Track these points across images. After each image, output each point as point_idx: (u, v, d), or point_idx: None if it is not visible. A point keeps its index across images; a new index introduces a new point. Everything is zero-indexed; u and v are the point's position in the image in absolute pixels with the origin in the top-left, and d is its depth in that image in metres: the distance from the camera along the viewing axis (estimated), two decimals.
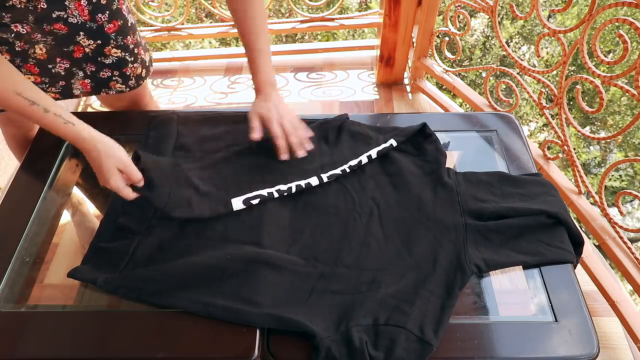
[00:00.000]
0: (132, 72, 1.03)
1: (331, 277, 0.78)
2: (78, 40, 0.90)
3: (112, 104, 1.16)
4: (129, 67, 1.02)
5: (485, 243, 0.82)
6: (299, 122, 0.92)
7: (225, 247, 0.80)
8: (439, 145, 0.95)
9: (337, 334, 0.71)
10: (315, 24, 2.06)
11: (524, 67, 1.44)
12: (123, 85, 1.04)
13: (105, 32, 0.92)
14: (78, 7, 0.85)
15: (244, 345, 0.72)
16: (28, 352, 0.73)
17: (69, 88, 1.00)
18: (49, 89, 0.98)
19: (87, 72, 0.98)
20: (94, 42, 0.92)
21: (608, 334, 1.28)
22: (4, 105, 0.77)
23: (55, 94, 1.00)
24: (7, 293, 0.79)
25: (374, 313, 0.73)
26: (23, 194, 0.93)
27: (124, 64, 1.00)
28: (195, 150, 0.97)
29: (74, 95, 1.03)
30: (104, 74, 1.00)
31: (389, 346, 0.69)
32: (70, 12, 0.85)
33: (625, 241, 1.25)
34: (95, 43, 0.93)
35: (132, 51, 1.00)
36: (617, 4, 1.08)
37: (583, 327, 0.73)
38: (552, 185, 0.92)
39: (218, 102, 2.02)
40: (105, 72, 1.00)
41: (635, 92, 1.08)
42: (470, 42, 4.72)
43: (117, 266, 0.79)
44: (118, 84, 1.04)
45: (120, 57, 0.98)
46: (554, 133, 1.40)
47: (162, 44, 3.63)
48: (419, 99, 1.98)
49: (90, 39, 0.91)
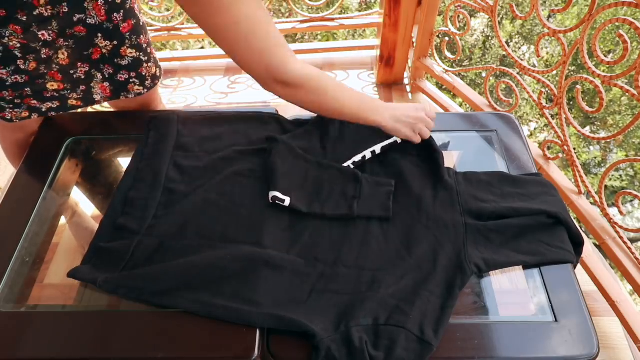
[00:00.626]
0: (148, 72, 1.04)
1: (331, 277, 0.78)
2: (96, 42, 0.91)
3: (124, 106, 1.16)
4: (144, 67, 1.02)
5: (485, 243, 0.82)
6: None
7: (225, 247, 0.80)
8: (435, 145, 0.95)
9: (337, 333, 0.71)
10: (315, 24, 2.06)
11: (524, 67, 1.44)
12: (141, 87, 1.04)
13: (121, 32, 0.92)
14: (95, 8, 0.85)
15: (244, 345, 0.72)
16: (28, 352, 0.73)
17: (90, 93, 1.00)
18: (71, 95, 0.98)
19: (105, 74, 0.98)
20: (110, 42, 0.92)
21: (608, 334, 1.28)
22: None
23: (77, 101, 1.00)
24: (7, 293, 0.79)
25: (374, 313, 0.73)
26: (23, 194, 0.93)
27: (139, 64, 1.00)
28: (195, 150, 0.97)
29: (94, 101, 1.02)
30: (122, 77, 1.00)
31: (389, 346, 0.69)
32: (89, 13, 0.85)
33: (625, 241, 1.25)
34: (112, 44, 0.93)
35: (146, 50, 1.01)
36: (617, 4, 1.08)
37: (583, 327, 0.74)
38: (552, 185, 0.92)
39: (218, 102, 2.02)
40: (123, 74, 1.00)
41: (635, 92, 1.08)
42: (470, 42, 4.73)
43: (117, 266, 0.79)
44: (136, 85, 1.04)
45: (136, 57, 0.98)
46: (554, 133, 1.40)
47: (162, 44, 3.63)
48: (419, 99, 1.98)
49: (107, 40, 0.92)
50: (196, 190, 0.89)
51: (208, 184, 0.90)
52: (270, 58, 0.76)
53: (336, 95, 0.85)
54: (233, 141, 0.99)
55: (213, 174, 0.92)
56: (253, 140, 0.99)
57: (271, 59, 0.76)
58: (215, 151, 0.96)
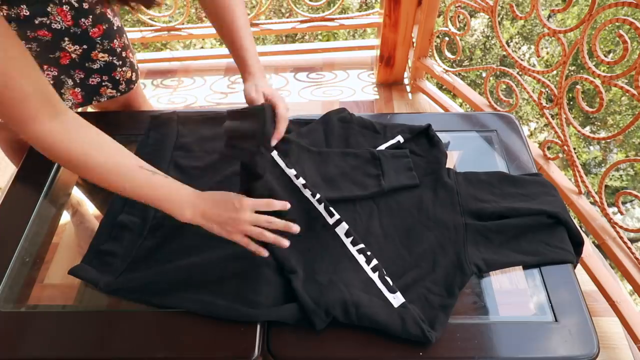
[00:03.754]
0: (122, 76, 1.03)
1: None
2: (63, 46, 0.90)
3: (105, 107, 1.16)
4: (118, 71, 1.02)
5: (486, 243, 0.82)
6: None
7: (226, 247, 0.80)
8: (441, 146, 0.96)
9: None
10: (316, 24, 2.06)
11: (524, 67, 1.44)
12: (114, 90, 1.04)
13: (90, 37, 0.92)
14: (60, 13, 0.85)
15: (244, 345, 0.72)
16: (28, 352, 0.73)
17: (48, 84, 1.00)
18: None
19: (76, 79, 0.98)
20: (79, 47, 0.92)
21: (608, 334, 1.28)
22: (124, 181, 0.68)
23: None
24: (7, 293, 0.79)
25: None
26: (23, 194, 0.93)
27: (112, 67, 1.00)
28: (195, 150, 0.97)
29: None
30: (93, 80, 0.99)
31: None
32: (53, 17, 0.85)
33: (625, 241, 1.25)
34: (81, 48, 0.92)
35: (120, 54, 1.00)
36: (617, 4, 1.07)
37: (583, 327, 0.73)
38: (552, 185, 0.92)
39: (218, 102, 2.02)
40: (95, 77, 0.99)
41: (635, 92, 1.08)
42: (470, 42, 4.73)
43: (118, 268, 0.79)
44: (108, 89, 1.03)
45: (108, 61, 0.98)
46: (554, 133, 1.40)
47: (162, 44, 3.63)
48: (419, 99, 1.98)
49: (76, 44, 0.91)
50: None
51: (208, 184, 0.90)
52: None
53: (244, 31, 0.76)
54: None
55: (213, 174, 0.92)
56: None
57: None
58: (215, 151, 0.96)
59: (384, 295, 0.75)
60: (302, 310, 0.72)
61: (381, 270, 0.77)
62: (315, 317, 0.71)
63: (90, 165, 0.65)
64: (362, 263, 0.79)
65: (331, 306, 0.71)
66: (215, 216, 0.69)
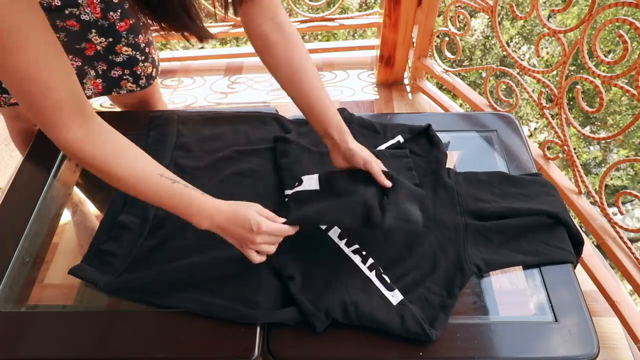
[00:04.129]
0: (143, 71, 1.04)
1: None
2: (90, 37, 0.91)
3: (123, 102, 1.17)
4: (140, 65, 1.03)
5: (486, 243, 0.82)
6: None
7: (226, 247, 0.80)
8: (441, 146, 0.96)
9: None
10: (316, 24, 2.05)
11: (524, 67, 1.44)
12: (134, 84, 1.05)
13: (117, 30, 0.93)
14: (90, 5, 0.86)
15: (244, 345, 0.72)
16: (28, 352, 0.73)
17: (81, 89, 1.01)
18: None
19: (98, 70, 0.99)
20: (105, 39, 0.93)
21: (608, 334, 1.28)
22: (144, 188, 0.68)
23: None
24: (7, 293, 0.79)
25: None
26: (23, 194, 0.93)
27: (134, 62, 1.01)
28: (195, 150, 0.97)
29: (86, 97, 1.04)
30: (115, 73, 1.01)
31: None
32: (83, 9, 0.86)
33: (625, 241, 1.25)
34: (107, 41, 0.93)
35: (143, 50, 1.01)
36: (617, 4, 1.07)
37: (583, 327, 0.73)
38: (552, 185, 0.92)
39: (218, 102, 2.02)
40: (117, 70, 1.00)
41: (635, 92, 1.08)
42: (470, 42, 4.73)
43: (119, 268, 0.79)
44: (129, 83, 1.04)
45: (131, 55, 0.99)
46: (554, 133, 1.40)
47: (162, 44, 3.63)
48: (419, 99, 1.98)
49: (102, 37, 0.92)
50: None
51: (208, 184, 0.90)
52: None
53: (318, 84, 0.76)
54: (233, 141, 0.99)
55: (213, 174, 0.92)
56: (253, 140, 0.99)
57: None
58: (215, 151, 0.96)
59: (382, 293, 0.75)
60: (302, 313, 0.72)
61: (378, 269, 0.77)
62: (315, 320, 0.71)
63: (112, 172, 0.66)
64: (358, 263, 0.79)
65: (331, 308, 0.72)
66: (231, 233, 0.71)
